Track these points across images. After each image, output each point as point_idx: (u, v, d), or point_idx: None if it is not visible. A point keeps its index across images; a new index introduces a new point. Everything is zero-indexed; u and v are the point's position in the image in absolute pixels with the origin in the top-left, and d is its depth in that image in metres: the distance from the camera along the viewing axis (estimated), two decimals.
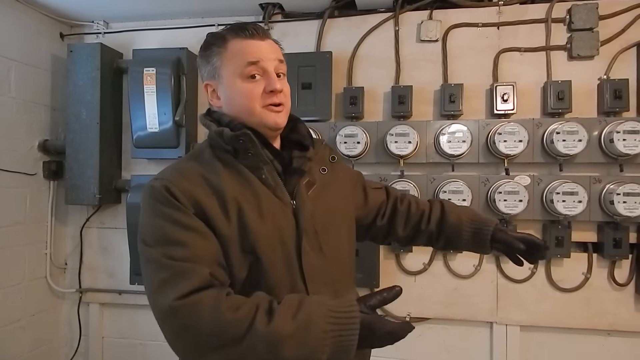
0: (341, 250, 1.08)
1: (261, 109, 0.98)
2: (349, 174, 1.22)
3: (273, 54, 0.99)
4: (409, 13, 2.27)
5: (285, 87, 1.00)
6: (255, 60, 0.97)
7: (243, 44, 0.98)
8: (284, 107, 1.00)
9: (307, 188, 1.02)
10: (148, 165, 2.52)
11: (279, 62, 1.00)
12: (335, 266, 1.04)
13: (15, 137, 2.31)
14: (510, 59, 2.18)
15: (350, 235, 1.14)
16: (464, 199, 2.03)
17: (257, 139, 0.96)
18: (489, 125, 2.08)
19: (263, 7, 2.35)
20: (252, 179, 0.96)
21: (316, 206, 1.02)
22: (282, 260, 0.95)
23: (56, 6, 2.40)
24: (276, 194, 0.97)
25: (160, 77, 2.28)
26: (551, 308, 2.12)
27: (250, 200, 0.94)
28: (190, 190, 0.90)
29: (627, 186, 1.91)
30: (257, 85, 0.97)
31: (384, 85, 2.27)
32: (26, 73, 2.37)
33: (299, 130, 1.08)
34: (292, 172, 1.02)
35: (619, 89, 1.99)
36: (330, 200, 1.06)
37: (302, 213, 0.98)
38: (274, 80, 0.97)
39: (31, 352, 2.42)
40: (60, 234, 2.60)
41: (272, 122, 0.98)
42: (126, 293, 2.52)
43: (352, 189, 1.20)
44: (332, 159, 1.12)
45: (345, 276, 1.09)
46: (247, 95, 0.97)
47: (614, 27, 2.08)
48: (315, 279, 0.98)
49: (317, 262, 0.99)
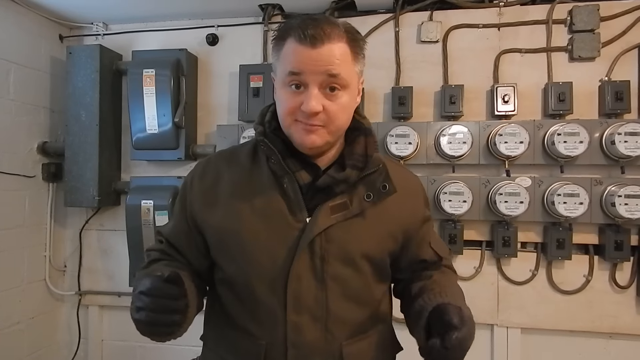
0: (357, 289, 0.94)
1: (292, 122, 0.88)
2: (411, 208, 1.01)
3: (322, 66, 0.84)
4: (409, 14, 2.26)
5: (332, 105, 0.86)
6: (296, 72, 0.85)
7: (292, 47, 0.85)
8: (323, 128, 0.87)
9: (333, 210, 0.90)
10: (147, 167, 2.51)
11: (329, 77, 0.85)
12: (341, 304, 0.93)
13: (15, 139, 2.31)
14: (511, 60, 2.17)
15: (376, 276, 0.98)
16: (465, 200, 2.02)
17: (280, 147, 0.92)
18: (489, 127, 2.07)
19: (263, 8, 2.34)
20: (271, 185, 0.93)
21: (338, 233, 0.91)
22: (264, 276, 0.91)
23: (55, 8, 2.40)
24: (291, 207, 0.91)
25: (160, 79, 2.27)
26: (552, 310, 2.11)
27: (256, 205, 0.92)
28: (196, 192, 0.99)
29: (628, 188, 1.90)
30: (296, 98, 0.86)
31: (384, 87, 2.26)
32: (25, 75, 2.36)
33: (353, 146, 0.95)
34: (318, 190, 0.92)
35: (620, 91, 1.98)
36: (362, 231, 0.93)
37: (309, 234, 0.89)
38: (309, 100, 0.84)
39: (30, 355, 2.41)
40: (60, 236, 2.59)
41: (298, 139, 0.88)
42: (125, 295, 2.51)
43: (403, 223, 0.99)
44: (384, 187, 0.94)
45: (358, 320, 0.96)
46: (284, 105, 0.89)
47: (615, 28, 2.08)
48: (299, 308, 0.90)
49: (310, 292, 0.90)
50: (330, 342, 0.93)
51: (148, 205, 2.28)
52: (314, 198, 0.92)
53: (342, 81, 0.86)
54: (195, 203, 0.98)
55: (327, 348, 0.93)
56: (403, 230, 0.99)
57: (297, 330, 0.91)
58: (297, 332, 0.91)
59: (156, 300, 0.80)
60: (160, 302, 0.80)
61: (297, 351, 0.91)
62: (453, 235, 2.08)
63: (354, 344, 0.95)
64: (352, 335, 0.95)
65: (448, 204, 2.02)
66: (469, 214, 2.04)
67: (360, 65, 0.92)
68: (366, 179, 0.93)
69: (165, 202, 2.27)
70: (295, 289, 0.90)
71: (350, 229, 0.92)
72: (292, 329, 0.90)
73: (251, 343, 0.94)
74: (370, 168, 0.93)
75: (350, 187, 0.92)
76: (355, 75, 0.91)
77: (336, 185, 0.91)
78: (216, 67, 2.46)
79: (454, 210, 2.02)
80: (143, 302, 0.80)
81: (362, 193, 0.93)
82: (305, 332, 0.91)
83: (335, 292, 0.92)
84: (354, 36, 0.89)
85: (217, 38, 2.45)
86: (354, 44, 0.89)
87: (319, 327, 0.91)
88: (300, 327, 0.91)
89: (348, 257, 0.92)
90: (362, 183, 0.93)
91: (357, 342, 0.96)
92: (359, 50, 0.91)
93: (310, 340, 0.91)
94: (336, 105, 0.87)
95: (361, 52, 0.92)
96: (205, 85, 2.47)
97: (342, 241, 0.92)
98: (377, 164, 0.94)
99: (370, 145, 0.95)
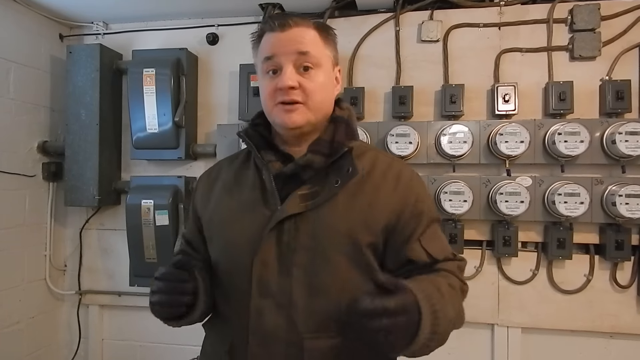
0: (327, 280, 0.90)
1: (273, 107, 0.93)
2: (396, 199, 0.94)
3: (291, 46, 0.90)
4: (409, 13, 2.26)
5: (307, 82, 0.91)
6: (269, 55, 0.92)
7: (266, 38, 0.94)
8: (302, 105, 0.91)
9: (302, 198, 0.91)
10: (148, 166, 2.51)
11: (300, 55, 0.90)
12: (306, 295, 0.90)
13: (15, 138, 2.31)
14: (511, 59, 2.17)
15: (353, 270, 0.91)
16: (465, 200, 2.02)
17: (256, 140, 0.99)
18: (490, 126, 2.07)
19: (263, 8, 2.34)
20: (254, 179, 0.99)
21: (309, 222, 0.90)
22: (235, 260, 0.96)
23: (55, 7, 2.40)
24: (266, 197, 0.95)
25: (160, 78, 2.27)
26: (553, 310, 2.10)
27: (240, 198, 0.99)
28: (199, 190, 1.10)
29: (629, 187, 1.90)
30: (273, 82, 0.92)
31: (384, 86, 2.26)
32: (25, 74, 2.36)
33: (322, 134, 0.96)
34: (289, 178, 0.94)
35: (621, 90, 1.98)
36: (334, 221, 0.91)
37: (273, 221, 0.90)
38: (283, 76, 0.90)
39: (30, 355, 2.41)
40: (60, 235, 2.59)
41: (280, 120, 0.93)
42: (126, 295, 2.51)
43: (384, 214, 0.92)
44: (348, 170, 0.92)
45: (327, 314, 0.90)
46: (263, 92, 0.96)
47: (616, 27, 2.07)
48: (264, 294, 0.91)
49: (274, 279, 0.90)
50: (291, 331, 0.90)
51: (148, 204, 2.28)
52: (285, 187, 0.94)
53: (312, 59, 0.92)
54: (198, 201, 1.08)
55: (288, 338, 0.90)
56: (384, 223, 0.92)
57: (259, 314, 0.91)
58: (259, 316, 0.91)
59: (168, 284, 0.90)
60: (172, 285, 0.91)
61: (258, 336, 0.92)
62: (453, 235, 2.08)
63: (318, 340, 0.90)
64: (317, 330, 0.90)
65: (448, 204, 2.02)
66: (469, 213, 2.04)
67: (332, 51, 0.98)
68: (335, 166, 0.93)
69: (166, 201, 2.27)
70: (261, 274, 0.91)
71: (322, 218, 0.91)
72: (255, 312, 0.92)
73: (224, 325, 1.00)
74: (337, 153, 0.93)
75: (323, 176, 0.93)
76: (328, 57, 0.96)
77: (302, 172, 0.93)
78: (216, 66, 2.46)
79: (454, 210, 2.02)
80: (157, 286, 0.91)
81: (333, 180, 0.92)
82: (267, 317, 0.91)
83: (301, 281, 0.90)
84: (323, 24, 0.97)
85: (218, 37, 2.45)
86: (322, 29, 0.96)
87: (281, 314, 0.90)
88: (263, 312, 0.91)
89: (318, 247, 0.90)
90: (332, 170, 0.93)
91: (322, 339, 0.90)
92: (328, 35, 0.97)
93: (271, 326, 0.91)
94: (312, 82, 0.92)
95: (331, 38, 0.97)
96: (206, 85, 2.47)
97: (312, 230, 0.91)
98: (342, 149, 0.93)
99: (339, 133, 0.95)
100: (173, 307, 0.92)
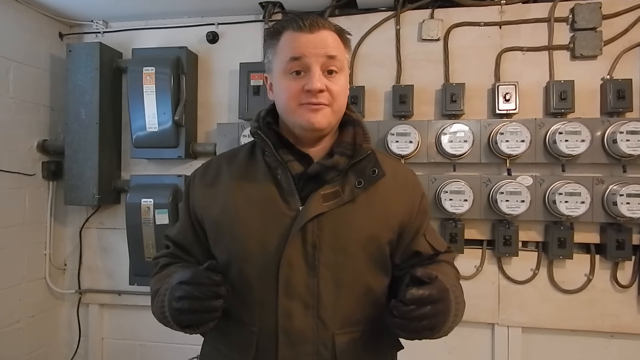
0: (350, 277, 0.94)
1: (297, 107, 0.92)
2: (406, 199, 1.01)
3: (321, 48, 0.90)
4: (410, 12, 2.25)
5: (333, 85, 0.92)
6: (298, 56, 0.90)
7: (291, 37, 0.92)
8: (327, 107, 0.92)
9: (325, 198, 0.92)
10: (147, 165, 2.50)
11: (328, 59, 0.91)
12: (333, 293, 0.93)
13: (14, 137, 2.30)
14: (512, 58, 2.16)
15: (372, 266, 0.97)
16: (466, 199, 2.01)
17: (273, 139, 0.97)
18: (490, 125, 2.06)
19: (263, 6, 2.34)
20: (266, 177, 0.96)
21: (331, 221, 0.92)
22: (255, 261, 0.93)
23: (55, 6, 2.39)
24: (284, 196, 0.94)
25: (160, 77, 2.27)
26: (553, 310, 2.10)
27: (251, 196, 0.96)
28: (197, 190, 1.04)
29: (630, 187, 1.90)
30: (298, 83, 0.91)
31: (384, 85, 2.25)
32: (25, 73, 2.35)
33: (341, 137, 0.99)
34: (310, 179, 0.95)
35: (622, 89, 1.97)
36: (355, 219, 0.94)
37: (300, 221, 0.90)
38: (313, 78, 0.89)
39: (30, 354, 2.41)
40: (60, 234, 2.59)
41: (305, 121, 0.91)
42: (126, 294, 2.50)
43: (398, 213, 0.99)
44: (373, 172, 0.95)
45: (351, 309, 0.95)
46: (286, 92, 0.92)
47: (617, 26, 2.06)
48: (292, 295, 0.91)
49: (302, 279, 0.91)
50: (321, 330, 0.93)
51: (148, 203, 2.28)
52: (306, 187, 0.94)
53: (339, 63, 0.93)
54: (196, 199, 1.03)
55: (318, 336, 0.93)
56: (399, 221, 0.99)
57: (288, 316, 0.91)
58: (288, 318, 0.91)
59: (200, 288, 0.84)
60: (204, 288, 0.84)
61: (288, 338, 0.92)
62: (454, 234, 2.07)
63: (347, 334, 0.94)
64: (344, 326, 0.94)
65: (449, 203, 2.02)
66: (469, 212, 2.03)
67: (349, 55, 1.00)
68: (356, 167, 0.96)
69: (166, 200, 2.27)
70: (287, 275, 0.91)
71: (343, 217, 0.93)
72: (283, 314, 0.91)
73: (244, 331, 0.96)
74: (359, 155, 0.96)
75: (342, 176, 0.95)
76: (347, 62, 0.98)
77: (326, 172, 0.94)
78: (216, 65, 2.45)
79: (454, 209, 2.02)
80: (185, 291, 0.85)
81: (354, 181, 0.95)
82: (296, 318, 0.92)
83: (328, 280, 0.93)
84: (341, 28, 0.98)
85: (218, 36, 2.44)
86: (342, 34, 0.97)
87: (310, 314, 0.92)
88: (291, 313, 0.91)
89: (341, 245, 0.93)
90: (353, 171, 0.96)
91: (350, 333, 0.95)
92: (347, 40, 0.99)
93: (300, 327, 0.92)
94: (337, 85, 0.92)
95: (348, 43, 0.99)
96: (206, 83, 2.46)
97: (335, 229, 0.93)
98: (365, 151, 0.97)
99: (359, 135, 0.99)
100: (204, 313, 0.85)
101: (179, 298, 0.85)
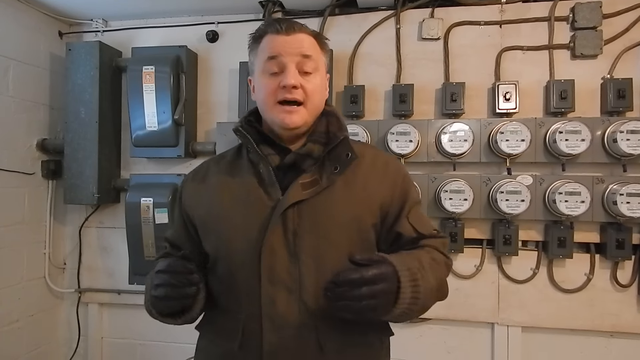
0: (332, 262, 0.94)
1: (274, 106, 0.96)
2: (387, 181, 1.03)
3: (296, 48, 0.96)
4: (410, 11, 2.25)
5: (307, 83, 0.96)
6: (274, 55, 0.96)
7: (269, 39, 0.98)
8: (302, 107, 0.96)
9: (304, 187, 0.96)
10: (147, 164, 2.50)
11: (303, 57, 0.96)
12: (314, 278, 0.94)
13: (14, 136, 2.30)
14: (512, 57, 2.16)
15: (355, 251, 0.93)
16: (466, 199, 2.01)
17: (255, 136, 1.01)
18: (490, 125, 2.06)
19: (263, 5, 2.33)
20: (249, 174, 1.01)
21: (311, 208, 0.96)
22: (239, 252, 0.97)
23: (55, 4, 2.38)
24: (265, 188, 0.98)
25: (160, 76, 2.26)
26: (553, 309, 2.10)
27: (236, 192, 1.00)
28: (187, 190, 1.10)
29: (630, 186, 1.89)
30: (275, 81, 0.96)
31: (384, 84, 2.25)
32: (24, 72, 2.35)
33: (315, 127, 1.03)
34: (289, 169, 0.99)
35: (623, 89, 1.97)
36: (335, 205, 0.97)
37: (280, 208, 0.94)
38: (288, 75, 0.94)
39: (29, 353, 2.41)
40: (59, 233, 2.58)
41: (280, 121, 0.96)
42: (125, 293, 2.50)
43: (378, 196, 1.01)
44: (347, 156, 0.99)
45: None
46: (264, 89, 0.98)
47: (617, 25, 2.06)
48: (274, 282, 0.94)
49: (284, 266, 0.94)
50: (304, 314, 0.95)
51: (148, 202, 2.27)
52: (286, 178, 0.98)
53: (313, 63, 0.98)
54: (187, 200, 1.09)
55: (301, 320, 0.95)
56: (380, 203, 1.01)
57: (272, 302, 0.94)
58: (272, 304, 0.94)
59: (174, 275, 0.90)
60: (178, 276, 0.90)
61: (272, 323, 0.94)
62: (454, 234, 2.07)
63: (330, 318, 0.93)
64: (326, 310, 0.93)
65: (449, 202, 2.02)
66: (469, 212, 2.03)
67: (326, 59, 1.05)
68: (332, 154, 0.99)
69: (165, 199, 2.27)
70: (269, 262, 0.94)
71: (323, 204, 0.97)
72: (267, 300, 0.95)
73: (231, 318, 1.00)
74: (333, 142, 0.99)
75: (319, 165, 0.98)
76: (323, 64, 1.03)
77: (302, 161, 0.98)
78: (216, 64, 2.45)
79: (454, 209, 2.01)
80: (161, 279, 0.91)
81: (330, 167, 0.99)
82: (279, 304, 0.94)
83: (309, 265, 0.95)
84: (319, 33, 1.04)
85: (217, 35, 2.44)
86: (319, 38, 1.02)
87: (292, 299, 0.95)
88: (275, 299, 0.94)
89: (322, 231, 0.96)
90: (329, 159, 0.99)
91: (332, 319, 0.93)
92: (324, 44, 1.03)
93: (283, 312, 0.94)
94: (311, 84, 0.97)
95: (326, 47, 1.05)
96: (205, 83, 2.46)
97: (315, 215, 0.96)
98: (338, 137, 1.00)
99: (332, 124, 1.03)
100: (179, 300, 0.91)
101: (157, 286, 0.91)
